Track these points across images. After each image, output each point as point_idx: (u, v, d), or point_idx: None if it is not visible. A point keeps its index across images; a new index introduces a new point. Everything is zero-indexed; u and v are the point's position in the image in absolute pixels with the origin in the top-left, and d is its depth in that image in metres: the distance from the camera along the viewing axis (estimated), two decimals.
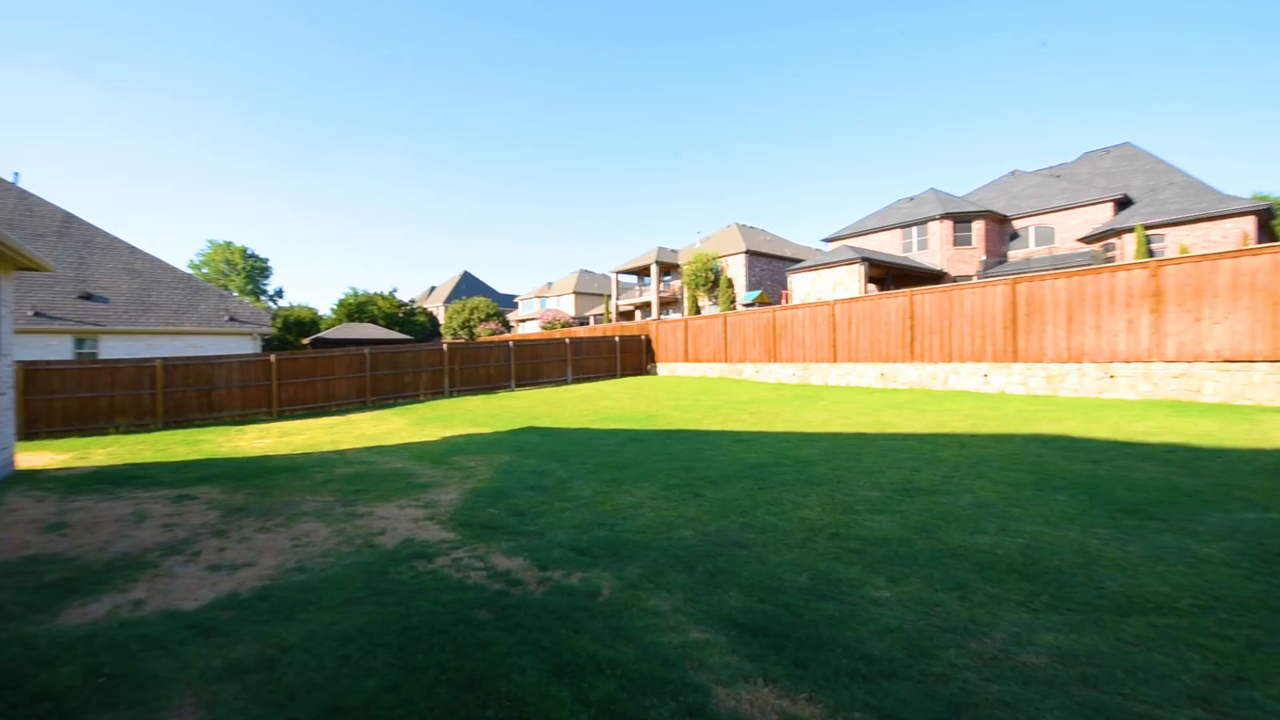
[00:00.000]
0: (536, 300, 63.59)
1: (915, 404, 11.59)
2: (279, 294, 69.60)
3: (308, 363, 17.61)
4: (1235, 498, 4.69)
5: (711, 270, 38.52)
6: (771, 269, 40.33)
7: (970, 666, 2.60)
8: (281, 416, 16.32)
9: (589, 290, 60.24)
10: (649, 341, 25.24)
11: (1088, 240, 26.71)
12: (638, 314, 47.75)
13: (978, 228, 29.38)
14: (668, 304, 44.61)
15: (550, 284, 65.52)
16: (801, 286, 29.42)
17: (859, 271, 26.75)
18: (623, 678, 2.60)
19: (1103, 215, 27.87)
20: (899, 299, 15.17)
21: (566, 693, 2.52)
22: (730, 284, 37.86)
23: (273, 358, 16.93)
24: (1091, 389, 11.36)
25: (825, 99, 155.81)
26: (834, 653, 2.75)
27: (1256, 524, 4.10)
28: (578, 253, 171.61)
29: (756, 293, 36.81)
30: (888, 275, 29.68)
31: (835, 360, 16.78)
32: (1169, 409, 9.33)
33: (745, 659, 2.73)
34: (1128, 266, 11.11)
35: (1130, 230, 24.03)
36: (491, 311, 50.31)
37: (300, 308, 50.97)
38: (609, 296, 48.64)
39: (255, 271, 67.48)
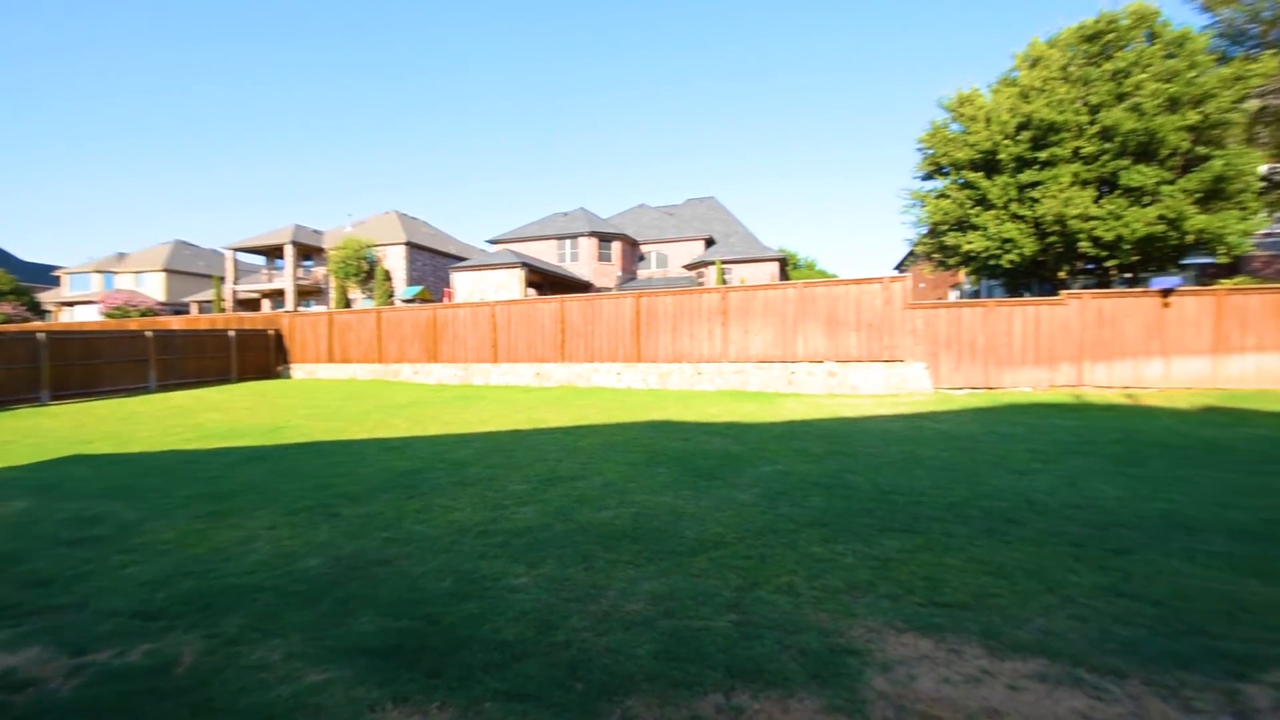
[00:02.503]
0: (98, 276, 46.40)
1: (564, 400, 12.81)
2: None
3: None
4: (761, 457, 6.67)
5: (365, 259, 34.84)
6: (434, 265, 38.89)
7: (588, 627, 2.99)
8: None
9: (190, 269, 47.23)
10: (280, 338, 21.27)
11: (689, 267, 34.15)
12: (266, 303, 39.65)
13: (617, 247, 34.33)
14: (309, 294, 38.40)
15: (124, 256, 48.63)
16: (465, 285, 29.22)
17: (520, 275, 28.10)
18: None
19: (698, 249, 36.03)
20: (553, 304, 16.53)
21: None
22: (388, 276, 34.94)
23: None
24: (688, 383, 14.60)
25: (491, 105, 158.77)
26: (470, 650, 2.79)
27: (770, 474, 5.91)
28: (173, 221, 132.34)
29: (418, 288, 34.93)
30: (545, 281, 32.05)
31: (496, 360, 17.22)
32: (731, 397, 12.72)
33: (375, 686, 2.53)
34: (709, 290, 14.67)
35: (713, 264, 31.73)
36: (5, 288, 34.54)
37: None
38: (222, 279, 38.99)
39: None
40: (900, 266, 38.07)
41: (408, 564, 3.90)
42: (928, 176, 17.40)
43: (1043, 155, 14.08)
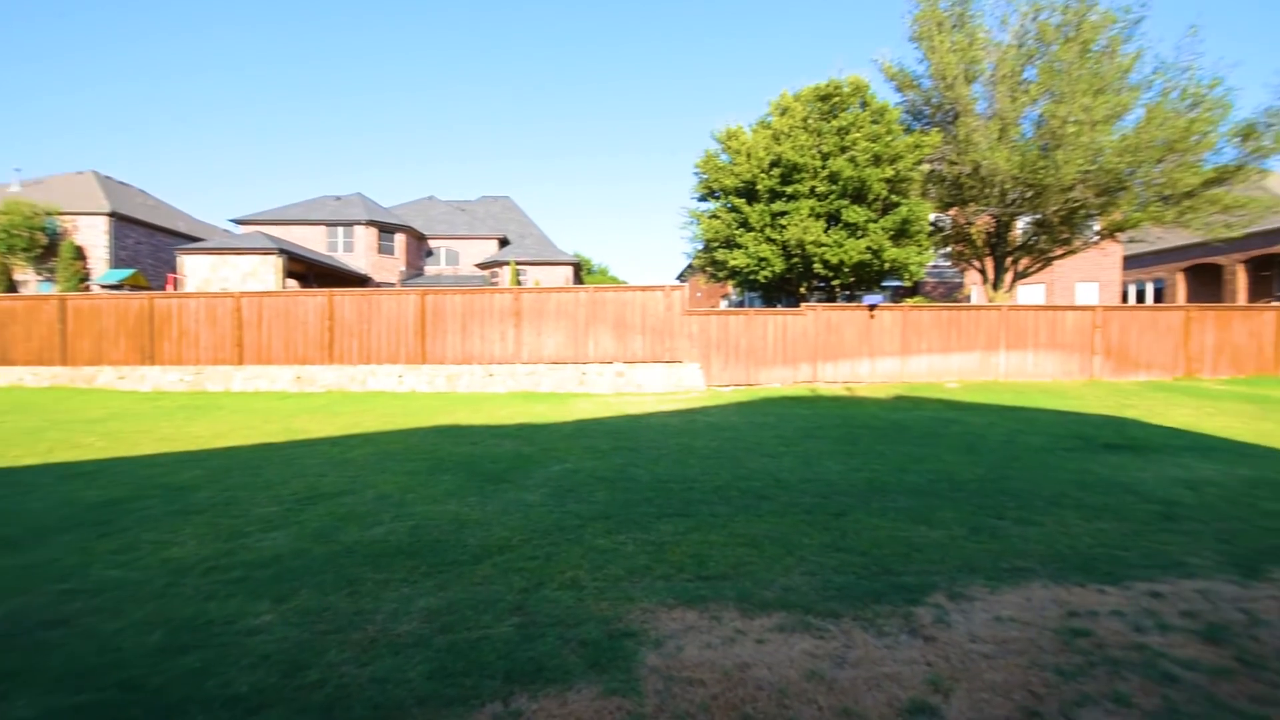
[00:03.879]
0: None
1: (332, 407, 11.32)
2: None
3: None
4: (552, 456, 6.69)
5: (44, 230, 26.54)
6: (155, 245, 31.26)
7: (350, 659, 2.64)
8: None
9: None
10: None
11: (482, 267, 32.99)
12: None
13: (400, 240, 31.57)
14: None
15: None
16: (199, 272, 24.03)
17: (277, 264, 24.06)
18: None
19: (491, 249, 35.00)
20: (319, 298, 14.51)
21: None
22: (80, 254, 27.06)
23: None
24: (478, 385, 14.06)
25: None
26: (187, 714, 2.27)
27: (560, 473, 5.96)
28: None
29: (128, 272, 27.65)
30: (311, 273, 27.98)
31: (241, 362, 14.49)
32: (523, 398, 12.59)
33: None
34: (502, 291, 14.35)
35: (507, 264, 31.16)
36: None
37: None
38: None
39: None
40: (681, 276, 41.84)
41: (97, 620, 3.04)
42: (703, 198, 19.40)
43: (789, 190, 16.74)
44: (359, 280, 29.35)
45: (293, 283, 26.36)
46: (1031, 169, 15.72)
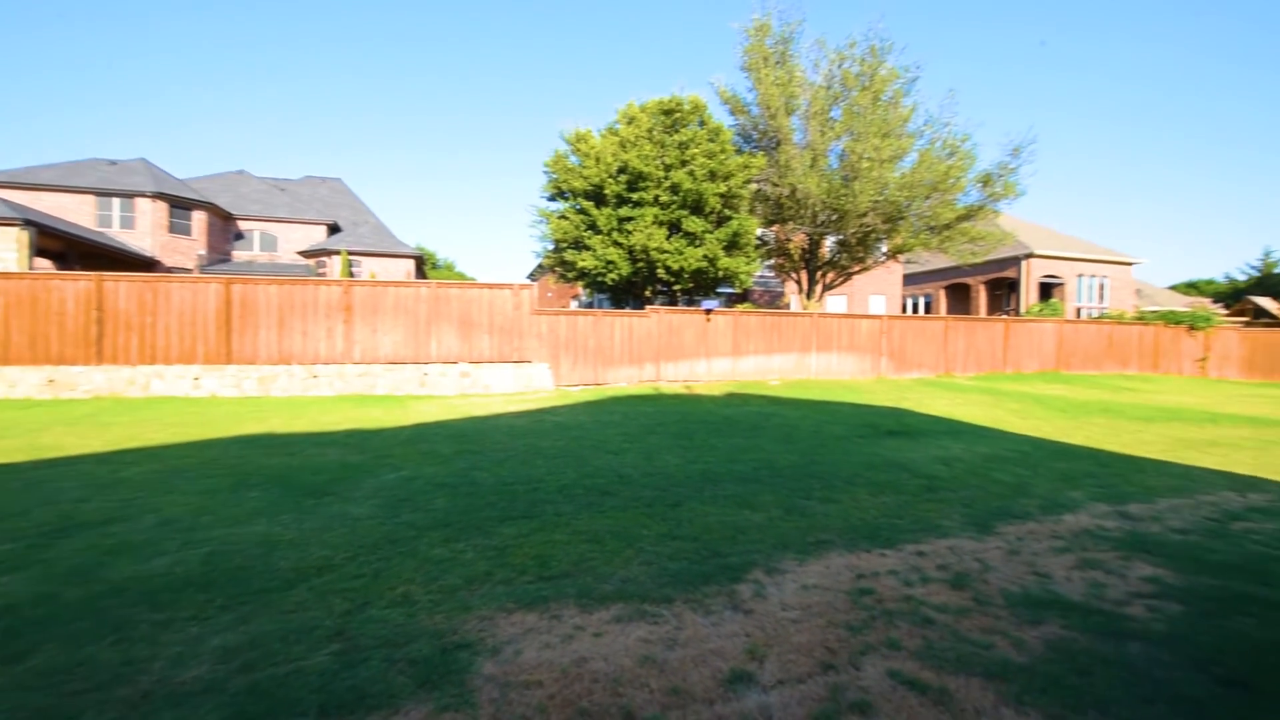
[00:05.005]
0: None
1: (101, 416, 9.30)
2: None
3: None
4: (385, 464, 6.20)
5: None
6: None
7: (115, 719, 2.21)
8: None
9: None
10: None
11: (306, 254, 29.41)
12: None
13: (199, 218, 26.94)
14: None
15: None
16: None
17: (20, 238, 19.08)
18: None
19: (319, 235, 31.36)
20: (83, 283, 11.85)
21: None
22: None
23: None
24: (299, 388, 12.52)
25: None
26: None
27: (393, 482, 5.54)
28: None
29: None
30: (73, 251, 22.64)
31: None
32: (354, 402, 11.49)
33: None
34: (329, 282, 12.93)
35: (337, 253, 28.16)
36: None
37: None
38: None
39: None
40: (531, 276, 41.20)
41: None
42: (552, 198, 19.32)
43: (635, 196, 17.36)
44: (144, 264, 24.49)
45: (45, 263, 21.25)
46: (836, 196, 18.11)
